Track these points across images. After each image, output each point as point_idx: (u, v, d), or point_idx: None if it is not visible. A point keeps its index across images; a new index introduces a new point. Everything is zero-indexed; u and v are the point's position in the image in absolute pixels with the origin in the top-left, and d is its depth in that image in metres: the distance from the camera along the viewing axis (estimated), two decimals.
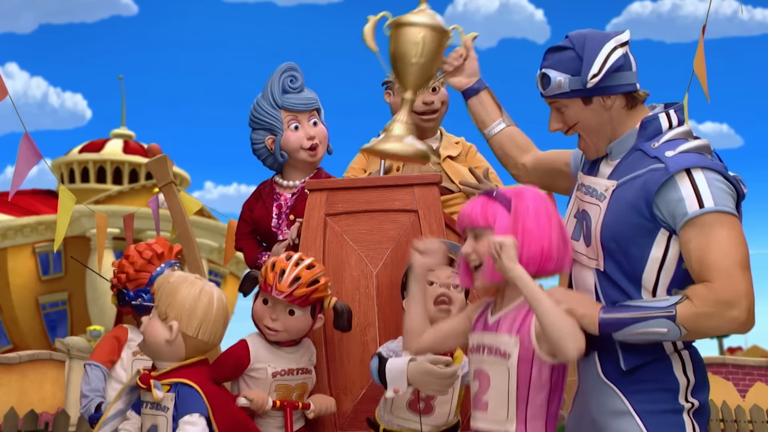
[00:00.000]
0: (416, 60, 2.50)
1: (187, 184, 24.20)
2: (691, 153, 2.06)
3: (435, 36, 2.52)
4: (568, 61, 2.16)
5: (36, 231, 20.12)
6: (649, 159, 2.08)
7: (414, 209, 2.92)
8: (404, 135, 2.53)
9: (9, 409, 7.04)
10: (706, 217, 1.96)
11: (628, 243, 2.07)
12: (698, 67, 3.89)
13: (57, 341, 10.28)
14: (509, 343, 2.07)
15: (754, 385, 10.44)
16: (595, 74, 2.08)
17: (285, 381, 2.66)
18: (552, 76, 2.18)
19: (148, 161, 3.86)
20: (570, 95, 2.17)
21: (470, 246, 2.14)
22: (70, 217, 3.85)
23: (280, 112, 3.31)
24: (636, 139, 2.16)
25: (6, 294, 19.91)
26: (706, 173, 2.01)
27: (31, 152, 3.64)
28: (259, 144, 3.37)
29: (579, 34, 2.19)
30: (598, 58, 2.09)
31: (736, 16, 59.96)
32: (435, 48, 2.54)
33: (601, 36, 2.15)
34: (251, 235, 3.49)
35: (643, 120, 2.16)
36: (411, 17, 2.54)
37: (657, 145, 2.11)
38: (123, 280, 3.11)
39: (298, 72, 3.36)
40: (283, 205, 3.37)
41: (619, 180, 2.13)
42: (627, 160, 2.16)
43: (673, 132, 2.14)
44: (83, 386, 3.04)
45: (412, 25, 2.52)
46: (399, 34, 2.53)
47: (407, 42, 2.51)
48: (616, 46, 2.10)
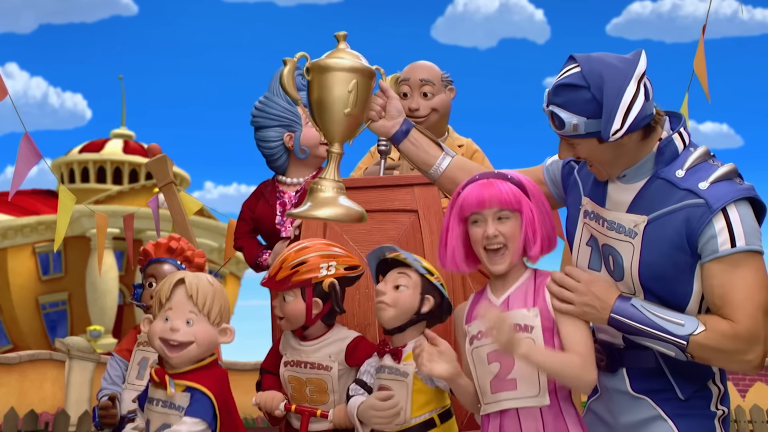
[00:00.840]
0: (349, 110, 2.24)
1: (187, 184, 24.19)
2: (723, 182, 1.97)
3: (366, 81, 2.27)
4: (584, 102, 1.94)
5: (36, 231, 20.11)
6: (680, 191, 1.98)
7: (414, 209, 2.92)
8: (335, 196, 2.28)
9: (9, 409, 7.05)
10: (734, 256, 1.93)
11: (670, 281, 2.01)
12: (698, 67, 3.89)
13: (57, 341, 10.27)
14: (528, 316, 2.07)
15: (754, 385, 10.44)
16: (618, 130, 1.90)
17: (294, 372, 2.62)
18: (566, 120, 1.97)
19: (148, 161, 3.86)
20: (586, 137, 2.00)
21: (494, 228, 2.10)
22: (70, 217, 3.85)
23: (297, 107, 3.31)
24: (654, 164, 2.05)
25: (6, 294, 19.90)
26: (739, 207, 1.94)
27: (31, 152, 3.64)
28: (276, 141, 3.35)
29: (593, 70, 1.94)
30: (620, 111, 1.89)
31: (736, 16, 59.91)
32: (367, 95, 2.28)
33: (618, 74, 1.92)
34: (251, 234, 3.49)
35: (659, 145, 2.04)
36: (338, 60, 2.25)
37: (683, 174, 2.00)
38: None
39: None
40: (287, 203, 3.37)
41: (650, 215, 2.02)
42: (649, 190, 2.04)
43: (694, 156, 2.03)
44: (102, 378, 3.12)
45: (341, 70, 2.23)
46: (324, 80, 2.23)
47: (335, 89, 2.22)
48: (636, 90, 1.91)
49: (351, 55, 2.27)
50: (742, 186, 1.98)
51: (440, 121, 3.56)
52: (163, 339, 2.26)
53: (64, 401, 9.45)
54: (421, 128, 2.48)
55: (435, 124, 3.53)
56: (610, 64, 1.93)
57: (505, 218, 2.11)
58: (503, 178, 2.15)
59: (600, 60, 1.95)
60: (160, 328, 2.27)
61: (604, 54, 2.00)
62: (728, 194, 1.94)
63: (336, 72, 2.22)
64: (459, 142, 3.63)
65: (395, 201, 2.94)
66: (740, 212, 1.93)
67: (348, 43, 2.32)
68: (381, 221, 2.93)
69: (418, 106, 3.45)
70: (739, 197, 1.94)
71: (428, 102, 3.48)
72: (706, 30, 3.99)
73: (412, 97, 3.47)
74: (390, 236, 2.89)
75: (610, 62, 1.94)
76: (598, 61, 1.95)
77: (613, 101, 1.89)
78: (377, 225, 2.92)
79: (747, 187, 1.99)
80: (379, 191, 2.96)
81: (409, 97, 3.47)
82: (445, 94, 3.54)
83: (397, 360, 2.39)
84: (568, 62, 2.02)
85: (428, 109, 3.47)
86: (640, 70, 1.92)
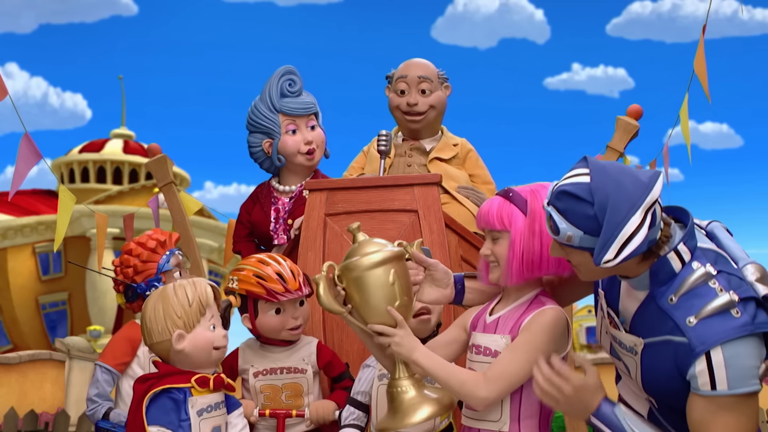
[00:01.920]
0: (399, 302, 2.08)
1: (187, 184, 24.18)
2: (715, 318, 1.82)
3: (402, 265, 2.12)
4: (584, 217, 1.82)
5: (36, 231, 20.10)
6: (670, 322, 1.87)
7: (414, 209, 2.92)
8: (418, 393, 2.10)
9: (9, 409, 7.05)
10: (717, 398, 1.83)
11: (672, 396, 1.95)
12: (698, 67, 3.88)
13: (57, 341, 10.26)
14: (500, 343, 2.10)
15: None
16: (609, 260, 1.79)
17: (268, 381, 2.66)
18: (561, 228, 1.85)
19: (148, 161, 3.85)
20: (578, 249, 1.89)
21: (488, 248, 2.15)
22: (70, 217, 3.84)
23: (278, 116, 3.31)
24: (649, 284, 1.93)
25: (6, 294, 19.89)
26: (728, 348, 1.80)
27: (31, 152, 3.64)
28: (257, 147, 3.37)
29: (602, 187, 1.81)
30: (617, 241, 1.78)
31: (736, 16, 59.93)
32: (408, 277, 2.14)
33: (626, 199, 1.79)
34: (249, 237, 3.49)
35: (652, 268, 1.90)
36: (369, 258, 2.09)
37: (675, 301, 1.88)
38: (130, 275, 3.07)
39: (297, 75, 3.36)
40: (280, 210, 3.37)
41: (645, 339, 1.94)
42: (646, 311, 1.95)
43: (692, 279, 1.87)
44: (91, 389, 3.01)
45: (376, 266, 2.07)
46: (362, 282, 2.08)
47: (378, 288, 2.07)
48: (641, 221, 1.79)
49: (376, 245, 2.14)
50: (737, 322, 1.82)
51: (437, 119, 3.59)
52: (218, 347, 2.26)
53: (64, 401, 9.44)
54: (470, 275, 2.34)
55: (432, 121, 3.56)
56: (621, 184, 1.81)
57: (497, 238, 2.13)
58: (505, 195, 2.14)
59: (613, 176, 1.83)
60: (212, 336, 2.24)
61: (619, 168, 1.86)
62: (715, 336, 1.80)
63: (372, 270, 2.08)
64: (453, 142, 3.64)
65: (395, 201, 2.94)
66: (727, 354, 1.80)
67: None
68: (381, 221, 2.93)
69: (416, 101, 3.48)
70: (729, 339, 1.80)
71: (426, 99, 3.50)
72: (706, 30, 3.98)
73: (410, 93, 3.49)
74: (390, 236, 2.89)
75: (622, 181, 1.81)
76: (609, 177, 1.82)
77: (613, 229, 1.78)
78: (377, 225, 2.92)
79: (742, 323, 1.82)
80: (379, 191, 2.96)
81: (407, 93, 3.49)
82: (441, 92, 3.56)
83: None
84: (580, 164, 1.90)
85: (426, 105, 3.50)
86: (651, 198, 1.80)
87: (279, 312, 2.63)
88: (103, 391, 2.98)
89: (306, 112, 3.34)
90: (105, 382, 2.99)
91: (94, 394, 2.99)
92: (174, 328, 2.20)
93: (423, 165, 3.51)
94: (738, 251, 1.98)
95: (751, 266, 1.92)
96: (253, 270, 2.62)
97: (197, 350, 2.22)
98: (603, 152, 3.68)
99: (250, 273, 2.62)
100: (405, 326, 2.09)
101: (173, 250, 3.14)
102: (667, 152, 4.03)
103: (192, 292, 2.23)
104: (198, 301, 2.22)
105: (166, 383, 2.19)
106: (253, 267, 2.63)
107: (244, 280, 2.62)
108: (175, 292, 2.23)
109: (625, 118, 3.61)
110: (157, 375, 2.23)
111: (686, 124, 3.93)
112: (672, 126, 4.10)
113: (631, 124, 3.59)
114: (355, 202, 2.96)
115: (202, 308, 2.23)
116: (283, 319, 2.64)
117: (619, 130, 3.61)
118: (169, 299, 2.23)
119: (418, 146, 3.57)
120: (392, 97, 3.58)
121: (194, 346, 2.22)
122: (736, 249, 1.99)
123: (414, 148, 3.57)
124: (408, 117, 3.52)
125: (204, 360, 2.24)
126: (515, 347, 2.05)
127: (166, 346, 2.22)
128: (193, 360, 2.23)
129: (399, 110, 3.54)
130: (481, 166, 3.65)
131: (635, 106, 3.64)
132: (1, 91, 3.43)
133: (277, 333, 2.66)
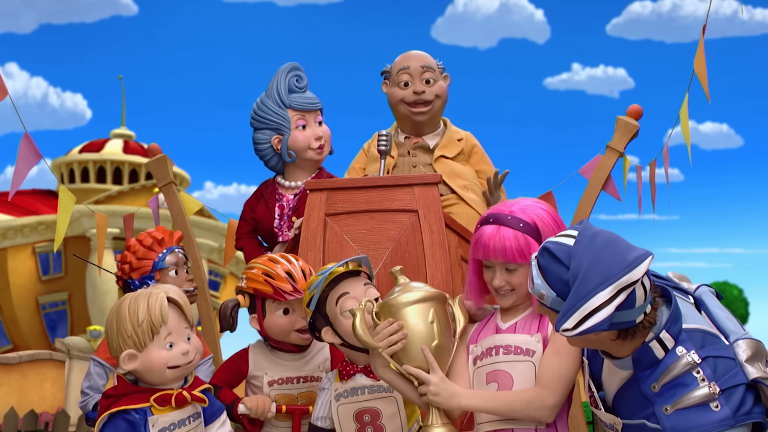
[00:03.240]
0: (437, 342, 2.07)
1: (187, 184, 24.18)
2: (692, 410, 1.78)
3: (441, 307, 2.13)
4: (558, 279, 1.79)
5: (36, 231, 20.10)
6: (650, 408, 1.84)
7: (414, 209, 2.92)
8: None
9: (9, 409, 7.05)
10: None
11: None
12: (698, 67, 3.88)
13: (57, 341, 10.27)
14: (531, 341, 2.13)
15: None
16: (568, 329, 1.72)
17: (284, 390, 2.61)
18: (536, 284, 1.82)
19: (148, 161, 3.86)
20: (549, 309, 1.84)
21: (503, 279, 2.13)
22: (70, 217, 3.84)
23: (287, 111, 3.29)
24: (633, 368, 1.88)
25: (6, 294, 19.90)
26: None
27: (31, 152, 3.64)
28: (265, 144, 3.35)
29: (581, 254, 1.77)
30: (578, 312, 1.71)
31: (736, 16, 59.92)
32: (447, 320, 2.13)
33: (599, 273, 1.72)
34: (252, 234, 3.48)
35: (634, 356, 1.85)
36: (409, 294, 2.09)
37: (657, 389, 1.83)
38: (127, 271, 3.11)
39: (303, 72, 3.35)
40: (285, 206, 3.36)
41: (624, 421, 1.93)
42: (628, 393, 1.91)
43: (675, 370, 1.82)
44: (84, 382, 3.10)
45: (416, 303, 2.07)
46: (399, 319, 2.09)
47: (415, 325, 2.07)
48: (610, 299, 1.71)
49: (416, 286, 2.14)
50: (716, 416, 1.77)
51: (441, 110, 3.55)
52: (174, 366, 2.12)
53: (64, 401, 9.44)
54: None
55: (437, 112, 3.52)
56: (601, 256, 1.74)
57: (513, 270, 2.13)
58: (515, 225, 2.11)
59: (597, 246, 1.77)
60: (167, 356, 2.10)
61: (610, 240, 1.79)
62: (690, 430, 1.77)
63: (411, 306, 2.08)
64: (458, 136, 3.58)
65: (395, 201, 2.93)
66: None
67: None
68: (381, 221, 2.93)
69: (423, 90, 3.42)
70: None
71: (431, 89, 3.45)
72: (706, 30, 3.98)
73: (414, 84, 3.43)
74: (390, 236, 2.89)
75: (603, 254, 1.75)
76: (592, 246, 1.77)
77: (578, 300, 1.72)
78: (377, 225, 2.92)
79: (721, 417, 1.77)
80: (379, 191, 2.95)
81: (411, 85, 3.44)
82: (443, 81, 3.52)
83: (378, 377, 2.30)
84: (577, 225, 1.87)
85: (432, 95, 3.45)
86: (629, 278, 1.71)
87: (287, 312, 2.57)
88: (95, 384, 3.06)
89: (314, 108, 3.33)
90: (97, 375, 3.07)
91: (86, 387, 3.07)
92: (124, 347, 2.09)
93: (428, 164, 3.46)
94: (728, 323, 1.93)
95: (743, 342, 1.85)
96: (263, 268, 2.58)
97: (149, 371, 2.11)
98: (603, 152, 3.69)
99: (259, 271, 2.57)
100: (439, 371, 2.08)
101: (171, 248, 3.14)
102: (667, 152, 4.03)
103: (144, 311, 2.08)
104: (149, 320, 2.08)
105: (123, 404, 2.09)
106: (263, 265, 2.58)
107: (253, 278, 2.58)
108: (129, 307, 2.10)
109: (625, 118, 3.61)
110: (117, 394, 2.13)
111: (686, 124, 3.93)
112: (672, 126, 4.10)
113: (631, 124, 3.59)
114: (355, 202, 2.96)
115: (155, 327, 2.08)
116: (291, 319, 2.57)
117: (619, 130, 3.61)
118: (121, 315, 2.10)
119: (422, 144, 3.51)
120: (394, 91, 3.49)
121: (145, 367, 2.10)
122: (726, 320, 1.94)
123: (418, 147, 3.51)
124: (415, 109, 3.44)
125: (159, 379, 2.13)
126: (558, 351, 2.07)
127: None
128: (149, 379, 2.13)
129: (404, 103, 3.46)
130: (487, 161, 3.60)
131: (635, 106, 3.64)
132: (1, 91, 3.43)
133: (286, 335, 2.59)
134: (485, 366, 2.16)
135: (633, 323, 1.80)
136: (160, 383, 2.15)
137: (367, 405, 2.35)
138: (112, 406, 2.11)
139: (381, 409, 2.34)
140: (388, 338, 2.09)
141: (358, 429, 2.36)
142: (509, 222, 2.12)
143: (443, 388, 2.06)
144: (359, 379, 2.37)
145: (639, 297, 1.78)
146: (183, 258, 3.19)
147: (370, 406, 2.35)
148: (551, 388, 2.06)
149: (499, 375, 2.13)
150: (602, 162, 3.66)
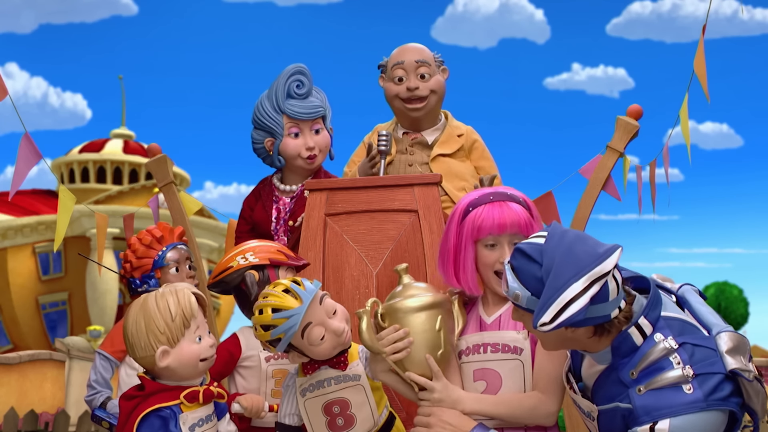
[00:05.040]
0: (443, 350, 2.06)
1: (187, 184, 24.17)
2: (663, 391, 1.80)
3: (448, 313, 2.12)
4: (532, 278, 1.81)
5: (36, 231, 20.11)
6: (625, 392, 1.85)
7: (414, 209, 2.92)
8: None
9: (9, 409, 7.06)
10: None
11: None
12: (698, 67, 3.88)
13: (57, 341, 10.28)
14: (518, 338, 2.12)
15: None
16: (545, 323, 1.74)
17: (281, 365, 2.62)
18: (510, 286, 1.85)
19: (148, 161, 3.85)
20: (525, 310, 1.86)
21: (510, 254, 2.05)
22: (70, 217, 3.84)
23: (282, 116, 3.23)
24: (611, 357, 1.90)
25: (6, 294, 19.91)
26: (674, 424, 1.77)
27: (31, 152, 3.64)
28: (259, 144, 3.34)
29: (552, 250, 1.80)
30: (555, 305, 1.73)
31: (736, 16, 59.94)
32: (451, 328, 2.12)
33: (572, 265, 1.76)
34: (251, 233, 3.48)
35: (613, 344, 1.87)
36: (416, 300, 2.08)
37: (636, 375, 1.84)
38: (129, 270, 3.12)
39: (306, 76, 3.26)
40: (281, 210, 3.35)
41: (599, 406, 1.93)
42: (606, 381, 1.92)
43: (653, 356, 1.83)
44: (92, 374, 3.09)
45: (423, 309, 2.05)
46: (406, 325, 2.07)
47: (422, 333, 2.05)
48: (584, 290, 1.73)
49: (422, 288, 2.11)
50: (687, 398, 1.77)
51: (438, 104, 3.47)
52: (205, 359, 2.16)
53: (64, 401, 9.45)
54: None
55: (434, 107, 3.44)
56: (571, 250, 1.78)
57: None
58: (516, 200, 2.17)
59: (567, 241, 1.81)
60: (198, 349, 2.13)
61: (579, 237, 1.84)
62: (661, 409, 1.78)
63: (419, 313, 2.05)
64: (459, 132, 3.52)
65: (395, 201, 2.94)
66: (674, 428, 1.76)
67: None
68: (381, 221, 2.93)
69: (417, 85, 3.34)
70: (674, 415, 1.76)
71: (426, 84, 3.37)
72: (706, 30, 3.98)
73: (408, 79, 3.36)
74: (390, 236, 2.90)
75: (574, 248, 1.79)
76: (563, 242, 1.81)
77: (553, 293, 1.74)
78: (377, 225, 2.92)
79: (692, 399, 1.77)
80: (379, 191, 2.95)
81: (405, 80, 3.37)
82: (440, 75, 3.43)
83: (343, 367, 2.30)
84: (547, 227, 1.92)
85: (427, 90, 3.36)
86: (601, 269, 1.74)
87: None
88: (101, 377, 3.06)
89: (311, 117, 3.24)
90: (103, 368, 3.07)
91: (93, 380, 3.07)
92: (157, 344, 2.09)
93: (425, 164, 3.40)
94: (711, 317, 1.93)
95: (725, 335, 1.85)
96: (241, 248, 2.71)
97: (183, 365, 2.13)
98: (603, 152, 3.68)
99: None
100: (443, 378, 2.09)
101: (172, 245, 3.14)
102: (667, 152, 4.02)
103: (175, 305, 2.11)
104: (182, 315, 2.11)
105: (154, 403, 2.10)
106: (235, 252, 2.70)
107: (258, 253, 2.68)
108: (157, 304, 2.11)
109: (625, 118, 3.61)
110: (144, 393, 2.13)
111: (686, 124, 3.92)
112: (672, 126, 4.10)
113: (631, 124, 3.59)
114: (355, 202, 2.96)
115: (186, 321, 2.11)
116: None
117: (619, 130, 3.60)
118: (150, 313, 2.10)
119: (420, 140, 3.45)
120: (389, 86, 3.43)
121: (179, 361, 2.12)
122: (708, 314, 1.94)
123: (416, 143, 3.45)
124: (409, 105, 3.38)
125: (191, 373, 2.17)
126: (550, 354, 2.08)
127: (151, 361, 2.12)
128: (180, 374, 2.15)
129: (399, 98, 3.39)
130: (487, 157, 3.54)
131: (635, 106, 3.63)
132: (1, 91, 3.43)
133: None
134: (472, 363, 2.16)
135: (608, 318, 1.82)
136: (190, 377, 2.18)
137: (335, 396, 2.30)
138: (140, 406, 2.12)
139: (349, 398, 2.30)
140: (394, 345, 2.08)
141: (329, 422, 2.31)
142: (511, 197, 2.16)
143: (447, 394, 2.07)
144: (324, 371, 2.31)
145: (612, 290, 1.80)
146: (186, 253, 3.18)
147: (338, 397, 2.30)
148: (551, 392, 2.08)
149: (488, 374, 2.14)
150: (602, 162, 3.65)
